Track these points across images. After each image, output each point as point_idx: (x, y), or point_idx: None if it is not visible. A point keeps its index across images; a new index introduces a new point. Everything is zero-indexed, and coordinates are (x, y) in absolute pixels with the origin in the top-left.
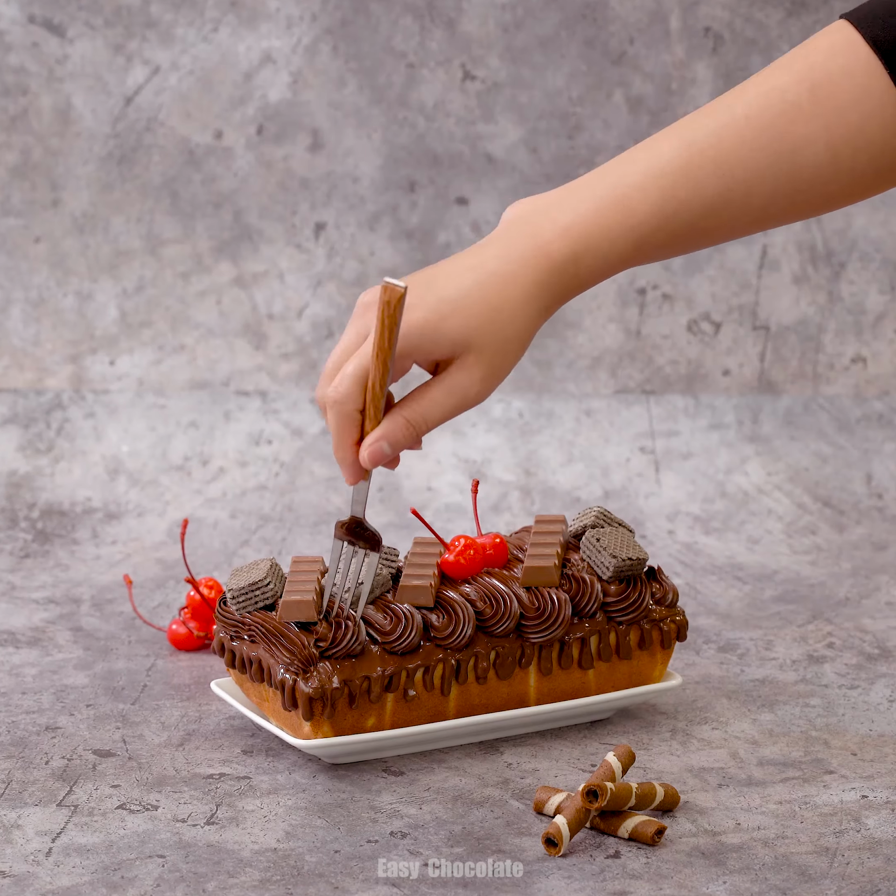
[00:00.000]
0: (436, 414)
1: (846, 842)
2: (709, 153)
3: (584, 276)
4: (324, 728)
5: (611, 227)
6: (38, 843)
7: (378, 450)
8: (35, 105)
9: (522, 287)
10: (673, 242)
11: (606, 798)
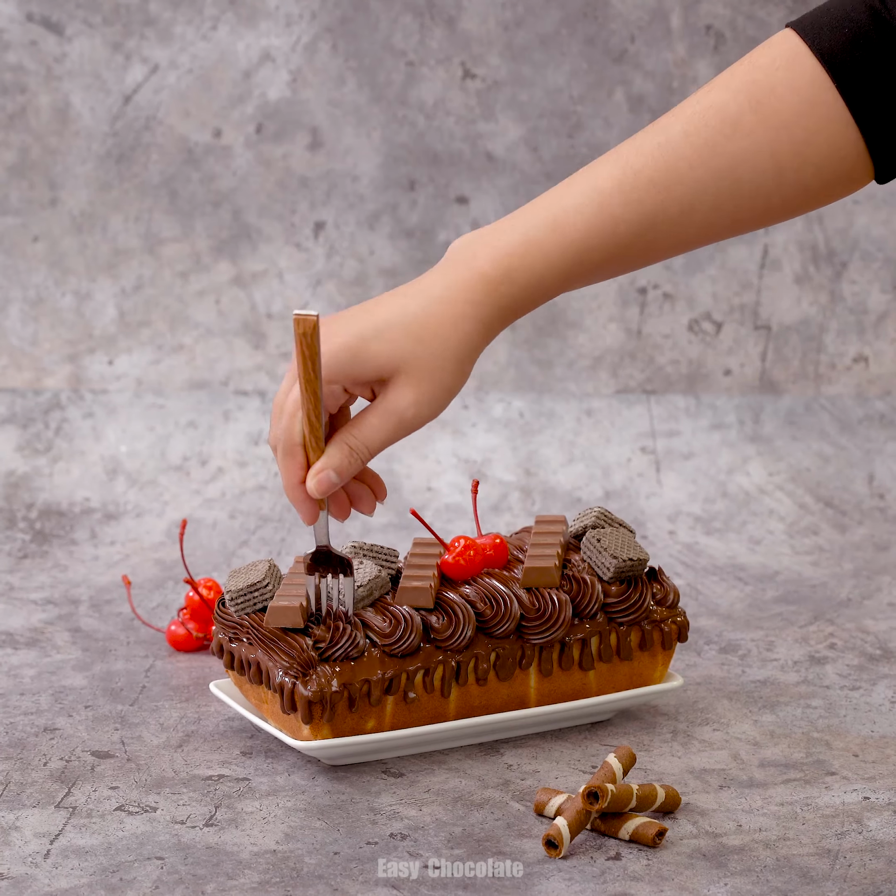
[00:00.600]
0: (375, 438)
1: (848, 843)
2: (644, 171)
3: (521, 295)
4: (323, 731)
5: (543, 245)
6: (37, 844)
7: (325, 478)
8: (33, 103)
9: (455, 306)
10: (614, 259)
11: (607, 800)
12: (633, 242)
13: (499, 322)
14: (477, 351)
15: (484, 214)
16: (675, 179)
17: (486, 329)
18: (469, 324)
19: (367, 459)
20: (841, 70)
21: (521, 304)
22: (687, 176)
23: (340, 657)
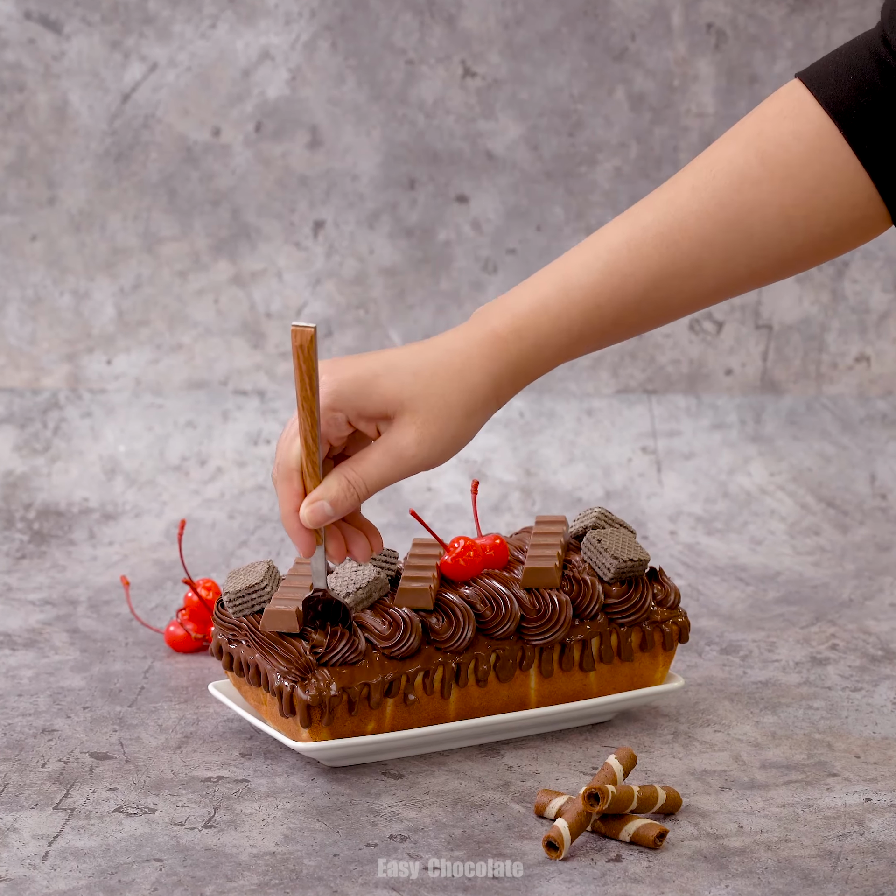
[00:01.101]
0: (374, 475)
1: (850, 845)
2: (653, 227)
3: (531, 354)
4: (322, 735)
5: (550, 304)
6: (35, 846)
7: (319, 509)
8: (31, 102)
9: (466, 358)
10: (625, 319)
11: (608, 801)
12: (643, 300)
13: (509, 381)
14: (487, 407)
15: (484, 213)
16: (683, 234)
17: (495, 385)
18: (479, 376)
19: (363, 495)
20: (846, 117)
21: (532, 364)
22: (695, 230)
23: (338, 662)
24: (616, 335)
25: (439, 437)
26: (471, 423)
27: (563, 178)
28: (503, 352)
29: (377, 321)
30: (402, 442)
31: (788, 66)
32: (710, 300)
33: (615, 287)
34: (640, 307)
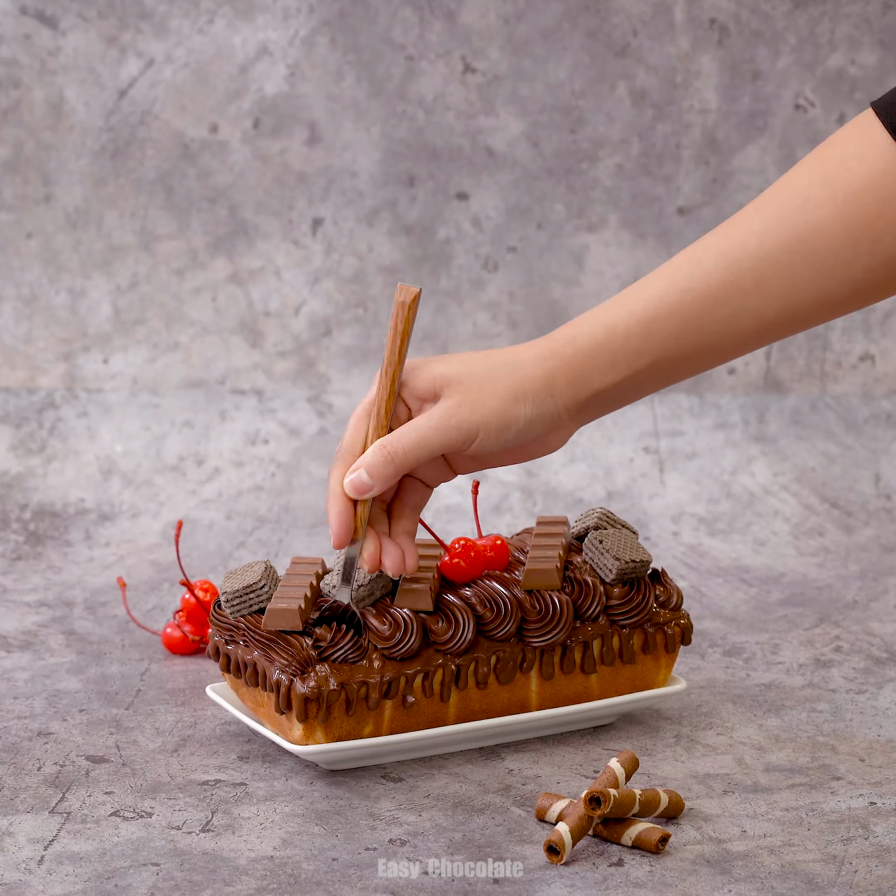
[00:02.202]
0: (411, 436)
1: (854, 849)
2: (714, 246)
3: (585, 358)
4: (316, 733)
5: (608, 313)
6: (30, 850)
7: (355, 478)
8: (27, 98)
9: (519, 353)
10: (685, 334)
11: (609, 805)
12: (704, 315)
13: (565, 382)
14: (539, 399)
15: (484, 210)
16: (745, 251)
17: (548, 381)
18: (529, 369)
19: (400, 460)
20: None
21: (588, 369)
22: (756, 247)
23: (340, 659)
24: (679, 356)
25: (480, 403)
26: (518, 407)
27: (564, 175)
28: (556, 352)
29: (376, 320)
30: (442, 406)
31: (792, 61)
32: (780, 326)
33: (674, 299)
34: (703, 324)
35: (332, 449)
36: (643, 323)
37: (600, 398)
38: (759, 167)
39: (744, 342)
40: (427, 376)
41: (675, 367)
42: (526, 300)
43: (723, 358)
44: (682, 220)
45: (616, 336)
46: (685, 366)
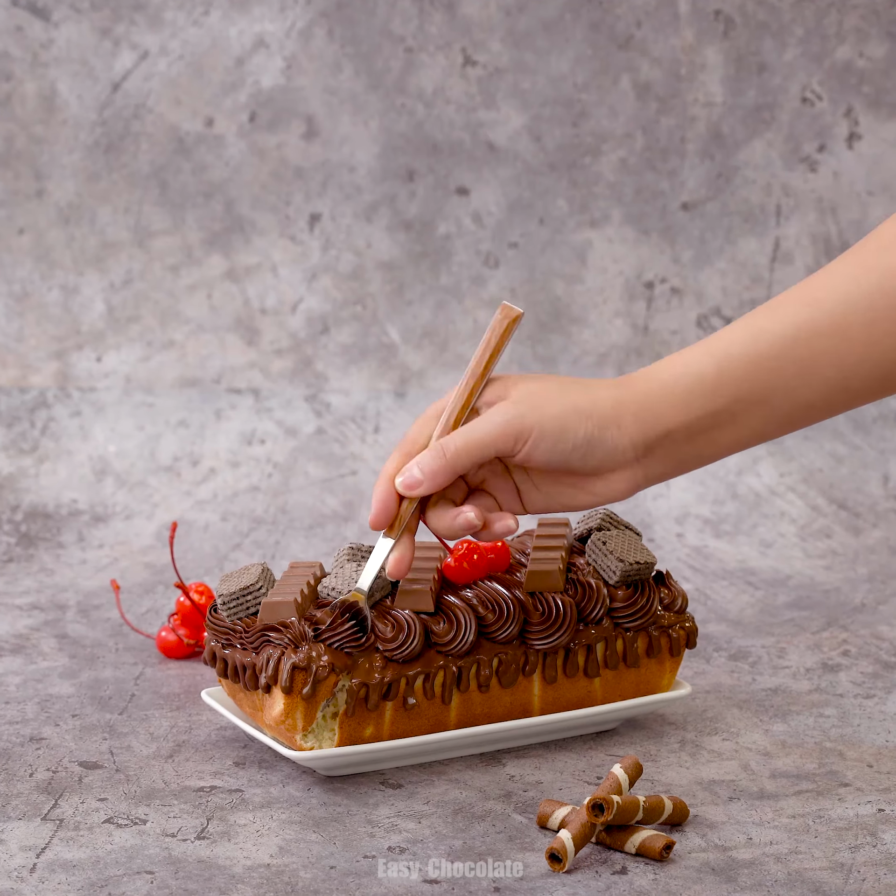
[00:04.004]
0: (464, 433)
1: (862, 857)
2: (796, 290)
3: (658, 393)
4: (296, 712)
5: (685, 353)
6: (22, 858)
7: (408, 474)
8: (19, 91)
9: (591, 380)
10: (762, 374)
11: (613, 812)
12: (781, 355)
13: (633, 413)
14: (605, 422)
15: (485, 206)
16: (825, 292)
17: (616, 408)
18: (600, 391)
19: (452, 457)
20: None
21: (659, 404)
22: (836, 289)
23: (336, 645)
24: (754, 399)
25: (540, 407)
26: (580, 420)
27: (566, 170)
28: (629, 386)
29: (375, 317)
30: (501, 405)
31: (798, 53)
32: (863, 376)
33: (750, 338)
34: (780, 364)
35: (329, 449)
36: (718, 361)
37: (670, 439)
38: (764, 162)
39: (826, 394)
40: (500, 383)
41: (750, 411)
42: (528, 297)
43: (807, 412)
44: (687, 216)
45: (690, 373)
46: (761, 411)
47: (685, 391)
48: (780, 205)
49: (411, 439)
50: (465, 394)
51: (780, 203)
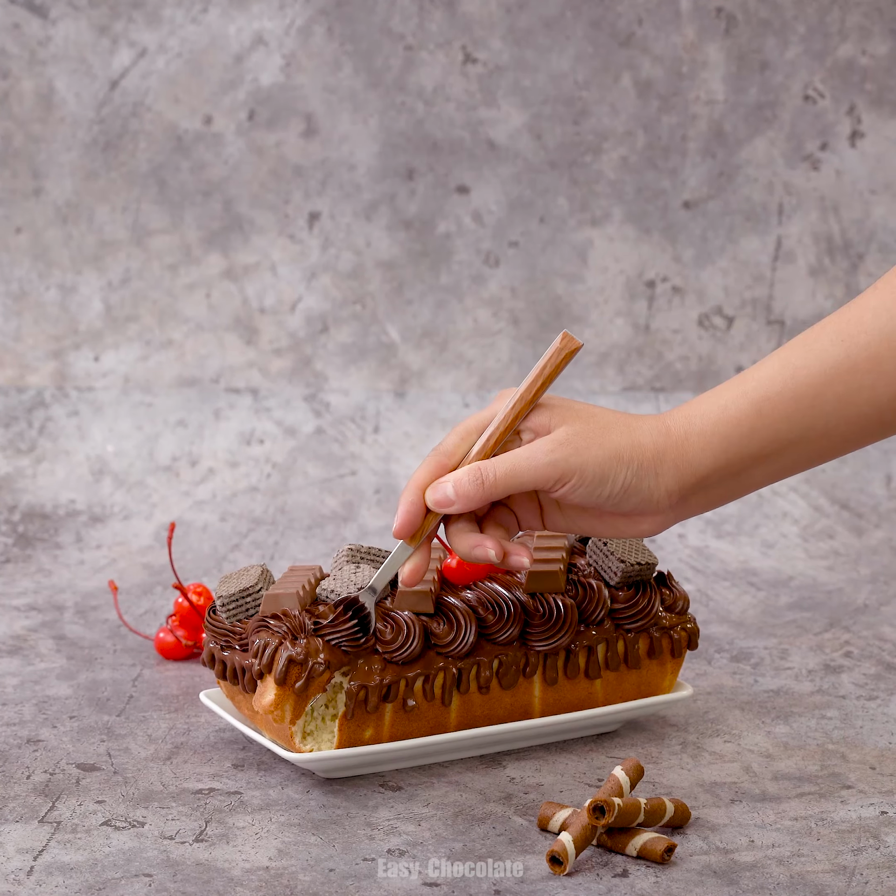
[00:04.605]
0: (506, 464)
1: (865, 860)
2: (830, 324)
3: (696, 439)
4: (285, 705)
5: (721, 395)
6: (19, 861)
7: (440, 490)
8: (16, 89)
9: (635, 417)
10: (800, 414)
11: (614, 814)
12: (819, 395)
13: (672, 458)
14: (644, 457)
15: (485, 205)
16: (860, 327)
17: (656, 457)
18: (643, 439)
19: (489, 484)
20: None
21: (696, 449)
22: (872, 323)
23: (334, 642)
24: (791, 439)
25: (584, 449)
26: (621, 468)
27: (567, 168)
28: (670, 432)
29: (374, 316)
30: (547, 440)
31: (801, 51)
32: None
33: (787, 378)
34: (816, 403)
35: (329, 449)
36: (755, 402)
37: (705, 485)
38: (766, 160)
39: (862, 428)
40: (546, 411)
41: (786, 450)
42: (528, 296)
43: (842, 446)
44: (689, 215)
45: (728, 418)
46: (797, 448)
47: (723, 438)
48: (782, 203)
49: (448, 451)
50: (511, 417)
51: (782, 202)
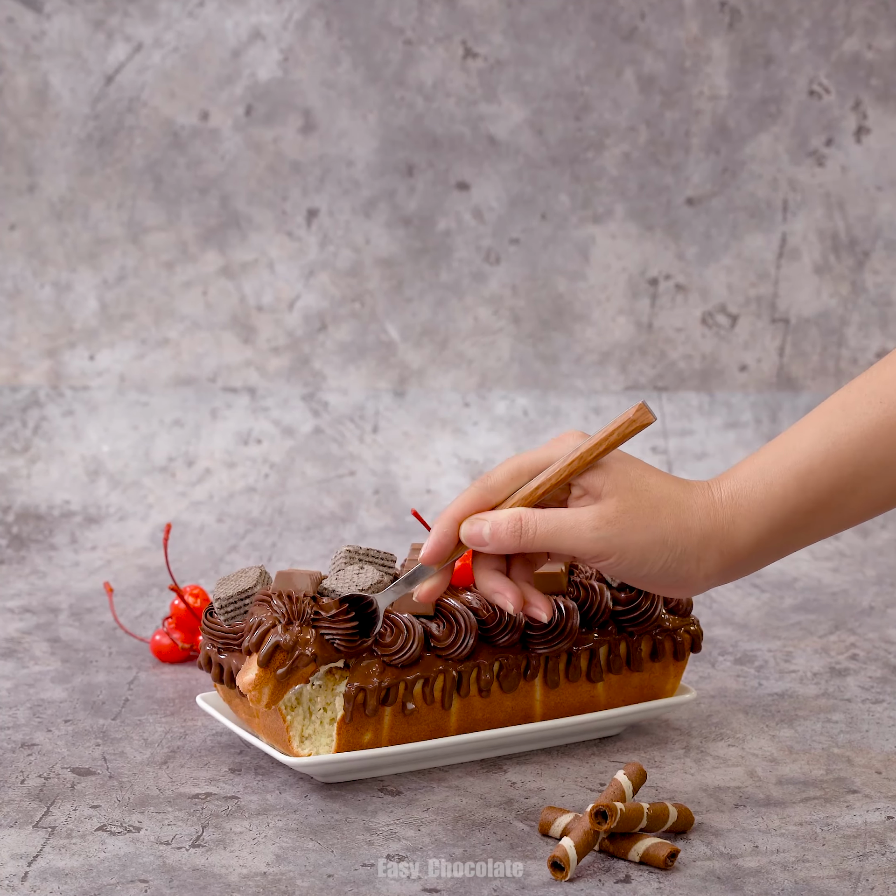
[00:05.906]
0: (550, 526)
1: (870, 865)
2: (866, 387)
3: (741, 522)
4: (264, 689)
5: (766, 469)
6: (14, 866)
7: (477, 528)
8: (10, 84)
9: (674, 487)
10: (843, 482)
11: (616, 819)
12: (861, 461)
13: (717, 549)
14: (685, 555)
15: (486, 201)
16: (895, 389)
17: (701, 544)
18: (692, 522)
19: (527, 541)
20: None
21: (742, 535)
22: None
23: (328, 637)
24: (832, 507)
25: (630, 530)
26: (664, 552)
27: (568, 164)
28: (717, 515)
29: (373, 314)
30: (594, 512)
31: (806, 46)
32: None
33: (829, 447)
34: (860, 469)
35: (327, 449)
36: (800, 476)
37: (744, 563)
38: (771, 156)
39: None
40: (602, 473)
41: (825, 518)
42: (529, 294)
43: (881, 508)
44: (692, 211)
45: (774, 495)
46: (837, 514)
47: (769, 519)
48: (787, 200)
49: (494, 488)
50: (566, 473)
51: (786, 198)
